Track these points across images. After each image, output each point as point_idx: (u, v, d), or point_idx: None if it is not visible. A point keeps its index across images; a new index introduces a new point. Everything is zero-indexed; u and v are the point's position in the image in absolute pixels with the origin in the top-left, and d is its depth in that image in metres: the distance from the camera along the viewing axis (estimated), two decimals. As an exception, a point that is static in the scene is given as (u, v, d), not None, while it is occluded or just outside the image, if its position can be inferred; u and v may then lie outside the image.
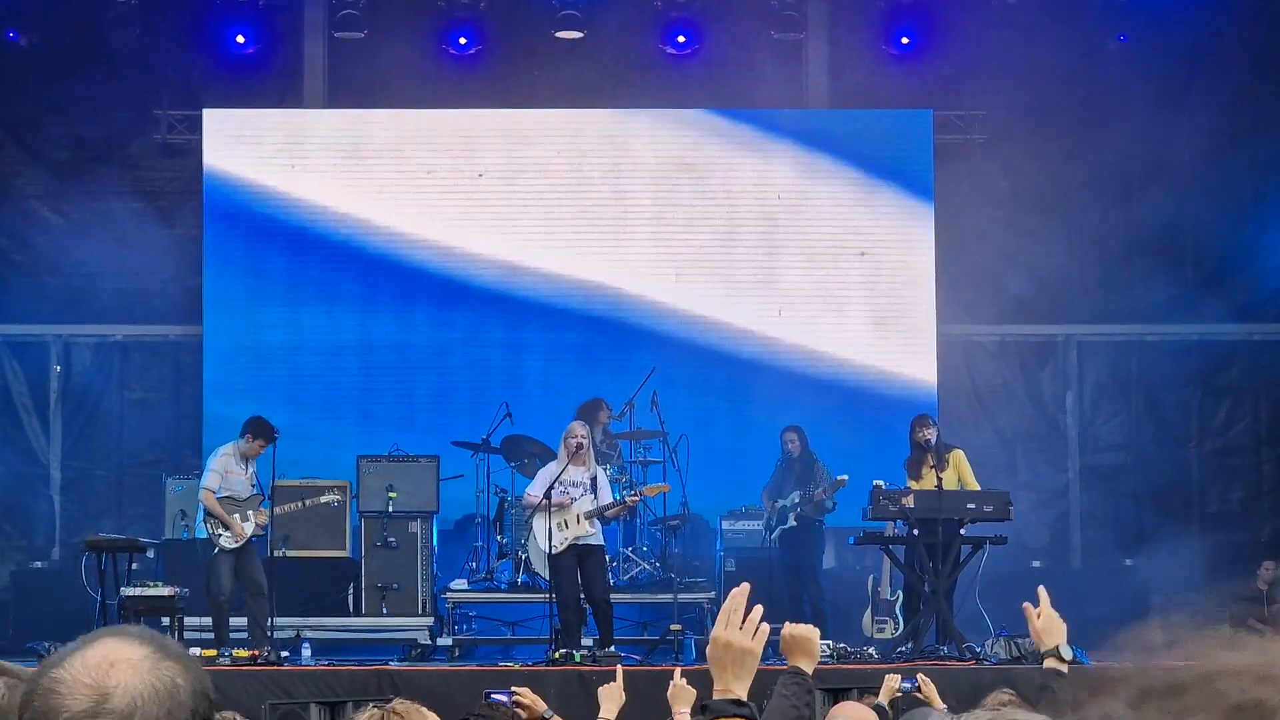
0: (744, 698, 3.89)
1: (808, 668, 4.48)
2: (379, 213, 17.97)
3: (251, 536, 14.16)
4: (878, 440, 16.96)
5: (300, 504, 15.54)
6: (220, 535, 14.02)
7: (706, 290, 18.00)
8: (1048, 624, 5.33)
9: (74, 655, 2.24)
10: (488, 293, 17.95)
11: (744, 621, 3.91)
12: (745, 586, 3.92)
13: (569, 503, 13.83)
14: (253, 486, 14.35)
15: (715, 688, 3.93)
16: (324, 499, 15.69)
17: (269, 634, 13.90)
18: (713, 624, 14.05)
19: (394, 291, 17.95)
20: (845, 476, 14.98)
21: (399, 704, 5.03)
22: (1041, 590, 5.47)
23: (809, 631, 4.49)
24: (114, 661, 2.22)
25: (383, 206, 17.98)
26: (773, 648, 4.29)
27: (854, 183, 18.07)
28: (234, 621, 14.11)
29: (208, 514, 14.11)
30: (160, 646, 2.27)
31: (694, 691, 6.30)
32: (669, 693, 6.56)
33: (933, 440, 14.41)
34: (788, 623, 4.55)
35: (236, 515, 14.09)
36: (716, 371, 17.93)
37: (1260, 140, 18.01)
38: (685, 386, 17.48)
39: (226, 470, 14.22)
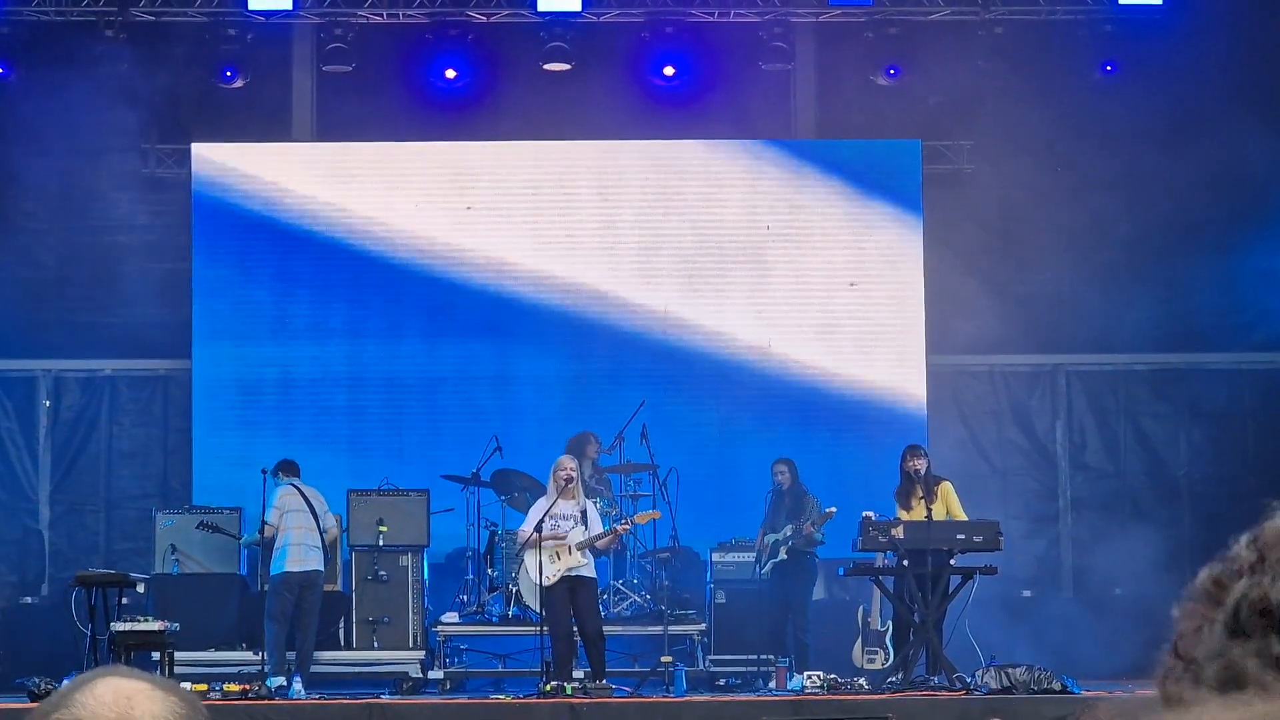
0: None
1: None
2: (367, 246, 17.97)
3: None
4: (867, 471, 16.94)
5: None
6: None
7: (696, 322, 18.00)
8: None
9: (78, 693, 2.14)
10: (477, 325, 17.94)
11: None
12: None
13: (563, 535, 13.84)
14: None
15: None
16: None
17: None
18: (703, 655, 14.05)
19: (383, 324, 17.94)
20: (833, 509, 14.94)
21: None
22: None
23: None
24: (129, 694, 2.14)
25: (371, 240, 17.97)
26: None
27: (843, 213, 18.08)
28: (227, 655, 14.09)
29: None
30: (153, 681, 2.20)
31: None
32: None
33: (922, 471, 14.42)
34: None
35: None
36: (706, 403, 17.91)
37: (1247, 171, 18.02)
38: (675, 419, 17.46)
39: None
